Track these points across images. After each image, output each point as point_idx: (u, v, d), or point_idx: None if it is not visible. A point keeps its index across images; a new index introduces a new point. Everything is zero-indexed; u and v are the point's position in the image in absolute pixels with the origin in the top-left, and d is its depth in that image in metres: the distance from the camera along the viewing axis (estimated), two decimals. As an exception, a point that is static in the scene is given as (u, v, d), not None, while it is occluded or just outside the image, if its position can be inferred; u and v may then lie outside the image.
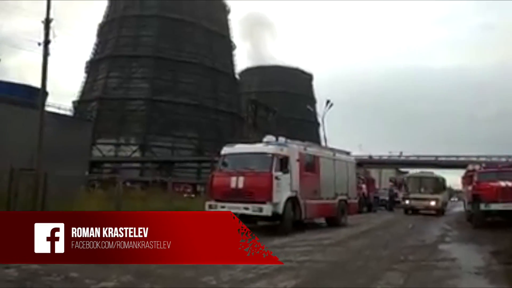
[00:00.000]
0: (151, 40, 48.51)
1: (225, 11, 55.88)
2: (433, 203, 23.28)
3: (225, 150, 13.05)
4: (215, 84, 50.30)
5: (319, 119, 42.32)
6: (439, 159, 52.40)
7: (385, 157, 56.78)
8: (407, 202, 24.04)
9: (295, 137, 17.06)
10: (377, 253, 9.07)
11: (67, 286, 5.61)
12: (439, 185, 24.39)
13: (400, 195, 27.76)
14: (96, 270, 6.51)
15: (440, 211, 23.50)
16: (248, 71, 73.62)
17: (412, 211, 23.64)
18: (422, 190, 23.76)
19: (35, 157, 13.07)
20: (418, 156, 54.36)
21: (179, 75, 47.74)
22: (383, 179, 52.24)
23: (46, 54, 13.20)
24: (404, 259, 8.37)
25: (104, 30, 51.13)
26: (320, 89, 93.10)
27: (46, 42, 13.15)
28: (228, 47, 55.60)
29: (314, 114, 60.08)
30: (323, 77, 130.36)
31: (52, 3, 13.88)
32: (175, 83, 47.59)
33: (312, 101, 72.86)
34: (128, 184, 30.57)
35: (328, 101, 37.40)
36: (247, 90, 65.64)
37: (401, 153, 55.99)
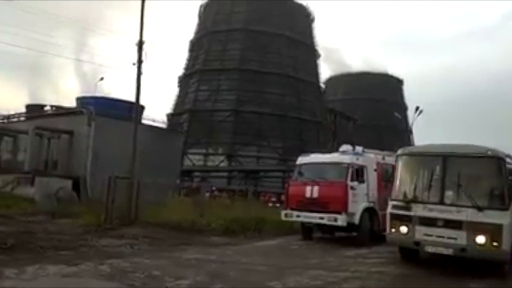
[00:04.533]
0: (237, 53, 50.47)
1: (308, 19, 56.11)
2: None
3: (301, 159, 13.24)
4: (299, 93, 50.63)
5: (412, 126, 40.36)
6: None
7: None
8: None
9: (385, 145, 16.62)
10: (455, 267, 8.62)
11: (148, 282, 6.28)
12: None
13: None
14: (175, 270, 7.20)
15: None
16: (333, 79, 72.78)
17: None
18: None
19: (136, 166, 14.27)
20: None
21: (263, 86, 48.94)
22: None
23: (139, 73, 14.60)
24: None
25: (194, 46, 54.42)
26: (413, 94, 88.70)
27: (139, 62, 14.55)
28: (312, 55, 55.67)
29: (404, 121, 57.30)
30: (416, 81, 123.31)
31: (149, 25, 15.29)
32: (260, 93, 48.83)
33: (402, 107, 69.73)
34: (216, 192, 32.06)
35: (417, 108, 35.60)
36: (332, 98, 64.96)
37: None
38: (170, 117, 47.84)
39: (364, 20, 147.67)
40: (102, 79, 35.29)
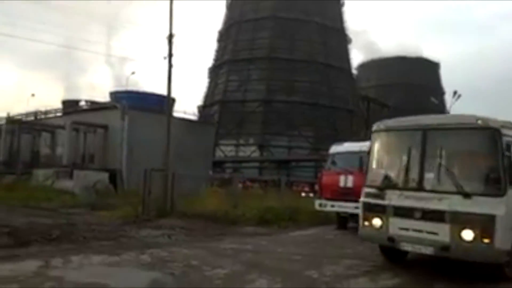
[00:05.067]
0: (266, 41, 50.22)
1: (338, 4, 54.97)
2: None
3: (334, 148, 13.12)
4: (330, 81, 49.96)
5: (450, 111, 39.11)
6: None
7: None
8: None
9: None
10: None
11: (187, 270, 6.42)
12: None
13: None
14: (213, 259, 7.33)
15: None
16: (365, 65, 71.29)
17: None
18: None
19: (169, 158, 14.59)
20: None
21: (294, 74, 48.59)
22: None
23: (170, 66, 14.82)
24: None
25: (223, 36, 54.55)
26: (450, 78, 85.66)
27: (170, 55, 14.76)
28: (343, 41, 54.66)
29: (442, 105, 55.61)
30: (454, 64, 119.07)
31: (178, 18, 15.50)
32: (290, 82, 48.52)
33: (439, 91, 67.63)
34: (248, 183, 32.27)
35: (455, 92, 34.41)
36: (365, 85, 63.70)
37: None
38: (201, 109, 48.36)
39: (396, 1, 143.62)
40: (133, 73, 36.03)
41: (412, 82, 68.85)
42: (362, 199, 7.25)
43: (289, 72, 48.52)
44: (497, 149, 5.98)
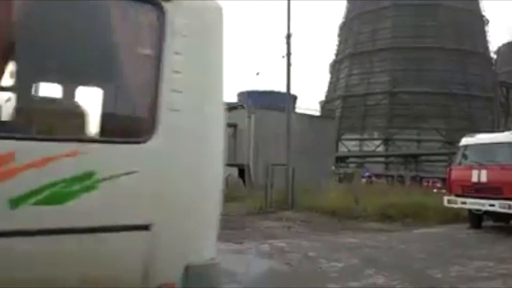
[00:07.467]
0: (389, 31, 47.78)
1: (471, -19, 49.58)
2: None
3: (465, 141, 12.03)
4: (464, 67, 45.38)
5: None
6: None
7: None
8: None
9: None
10: None
11: (304, 262, 6.66)
12: None
13: None
14: (330, 253, 7.46)
15: None
16: (505, 47, 62.88)
17: None
18: None
19: (291, 153, 15.06)
20: None
21: (421, 63, 45.26)
22: None
23: (289, 64, 15.27)
24: None
25: (343, 30, 53.49)
26: None
27: (288, 54, 15.20)
28: (479, 22, 49.12)
29: None
30: None
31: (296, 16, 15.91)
32: (417, 71, 45.31)
33: None
34: (373, 178, 31.31)
35: None
36: (506, 69, 56.32)
37: None
38: (323, 104, 48.22)
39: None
40: (258, 73, 37.65)
41: None
42: None
43: (416, 61, 45.39)
44: None
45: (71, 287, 1.87)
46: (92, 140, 2.10)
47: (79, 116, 2.20)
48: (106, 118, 2.21)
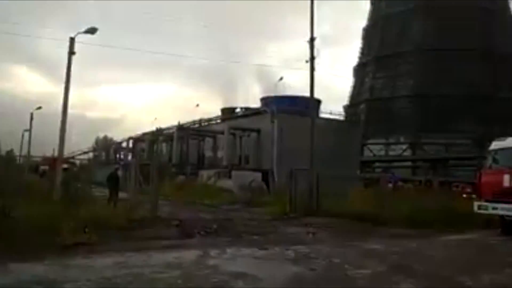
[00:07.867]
0: (415, 33, 46.98)
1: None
2: None
3: (496, 144, 11.68)
4: (494, 68, 44.11)
5: None
6: None
7: None
8: None
9: None
10: None
11: (329, 268, 6.59)
12: None
13: None
14: (356, 259, 7.35)
15: None
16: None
17: None
18: None
19: (315, 158, 14.96)
20: None
21: (448, 65, 44.22)
22: None
23: (312, 69, 15.20)
24: None
25: (368, 33, 52.93)
26: None
27: (312, 59, 15.13)
28: (509, 24, 47.76)
29: None
30: None
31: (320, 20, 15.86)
32: (445, 73, 44.30)
33: None
34: (399, 183, 30.70)
35: None
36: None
37: None
38: (347, 108, 47.76)
39: None
40: (281, 78, 37.54)
41: None
42: None
43: (443, 64, 44.35)
44: None
45: None
46: None
47: None
48: None
